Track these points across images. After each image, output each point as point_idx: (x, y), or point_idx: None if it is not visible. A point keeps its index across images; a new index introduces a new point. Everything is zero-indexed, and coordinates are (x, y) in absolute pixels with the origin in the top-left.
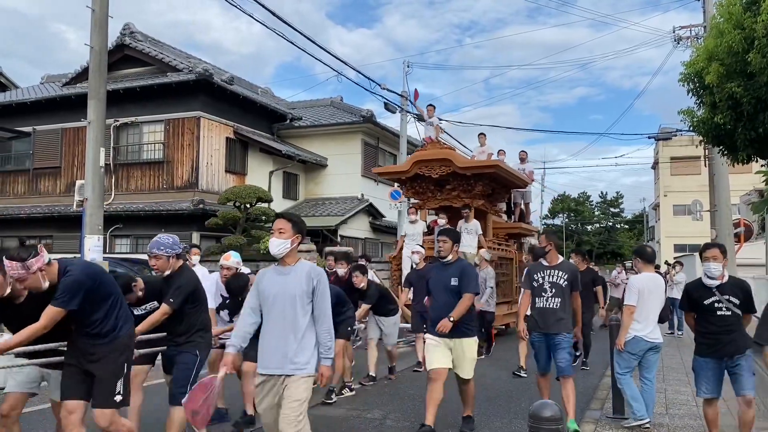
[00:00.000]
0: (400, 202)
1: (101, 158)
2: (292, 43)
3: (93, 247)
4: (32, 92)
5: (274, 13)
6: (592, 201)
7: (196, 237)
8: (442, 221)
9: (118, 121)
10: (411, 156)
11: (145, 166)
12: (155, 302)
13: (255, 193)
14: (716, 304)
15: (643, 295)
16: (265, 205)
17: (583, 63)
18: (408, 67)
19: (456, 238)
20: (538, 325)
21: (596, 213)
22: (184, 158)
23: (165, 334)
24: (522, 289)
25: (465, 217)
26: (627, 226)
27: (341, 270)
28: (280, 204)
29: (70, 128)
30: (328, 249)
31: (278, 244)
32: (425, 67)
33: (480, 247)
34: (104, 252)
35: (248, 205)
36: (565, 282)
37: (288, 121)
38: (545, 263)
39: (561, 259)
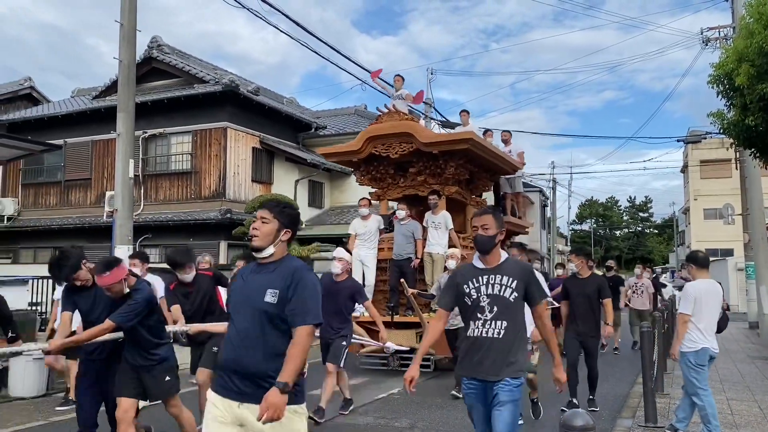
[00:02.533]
0: None
1: (130, 169)
2: (317, 53)
3: (123, 257)
4: (63, 106)
5: (299, 24)
6: (621, 206)
7: (223, 246)
8: (402, 213)
9: (146, 132)
10: (363, 131)
11: (173, 177)
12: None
13: None
14: None
15: (701, 302)
16: None
17: (612, 66)
18: (432, 74)
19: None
20: (471, 364)
21: (625, 218)
22: (212, 168)
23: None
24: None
25: (431, 206)
26: (656, 231)
27: None
28: (305, 212)
29: (100, 140)
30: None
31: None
32: (450, 73)
33: (452, 246)
34: None
35: None
36: (513, 293)
37: (313, 130)
38: (480, 264)
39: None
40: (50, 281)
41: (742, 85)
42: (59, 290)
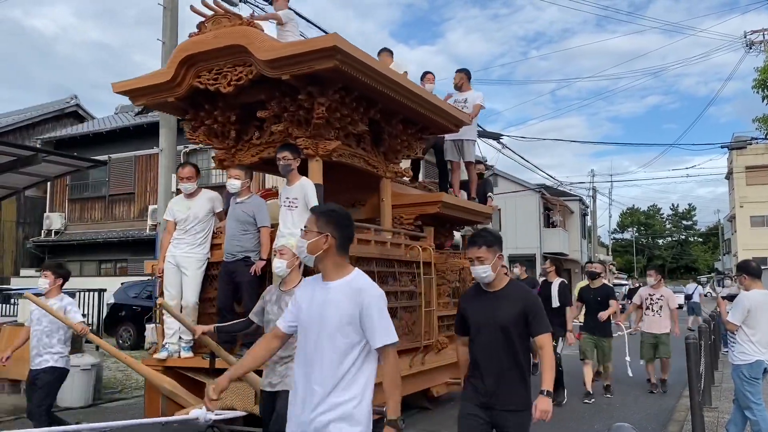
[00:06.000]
0: None
1: (172, 183)
2: None
3: None
4: (107, 122)
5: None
6: (663, 214)
7: None
8: (235, 184)
9: (187, 147)
10: (176, 49)
11: (215, 190)
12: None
13: None
14: None
15: (755, 314)
16: None
17: (655, 71)
18: None
19: None
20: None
21: (667, 226)
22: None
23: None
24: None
25: (282, 171)
26: (701, 240)
27: None
28: None
29: (143, 156)
30: None
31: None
32: (487, 82)
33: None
34: None
35: None
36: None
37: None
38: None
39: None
40: (97, 293)
41: None
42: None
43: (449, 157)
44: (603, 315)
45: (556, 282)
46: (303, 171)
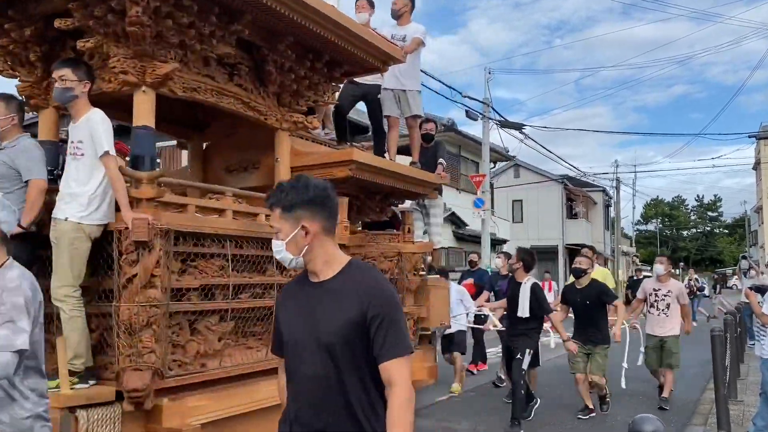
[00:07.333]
0: (484, 210)
1: None
2: None
3: None
4: None
5: None
6: (688, 205)
7: None
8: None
9: None
10: None
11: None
12: None
13: None
14: None
15: None
16: None
17: (682, 59)
18: (489, 73)
19: None
20: None
21: (692, 217)
22: None
23: None
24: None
25: (61, 100)
26: (726, 231)
27: None
28: None
29: None
30: None
31: None
32: (510, 72)
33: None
34: None
35: None
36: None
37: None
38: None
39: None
40: None
41: None
42: None
43: (386, 112)
44: (617, 335)
45: (527, 283)
46: (127, 108)
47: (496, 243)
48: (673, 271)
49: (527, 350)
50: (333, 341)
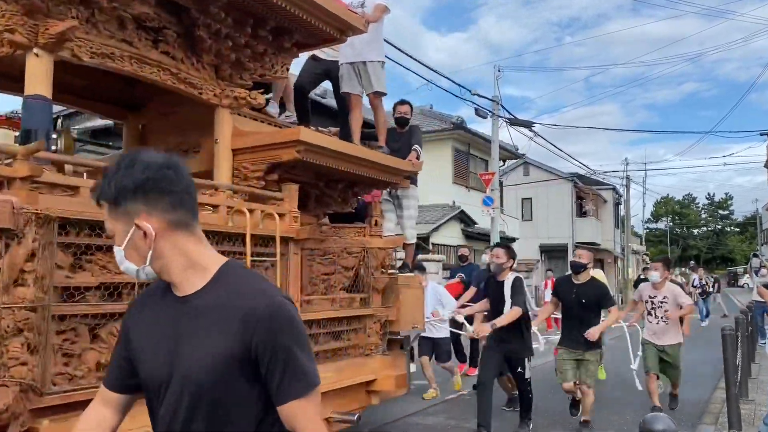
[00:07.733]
0: (493, 208)
1: None
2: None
3: None
4: None
5: None
6: (698, 203)
7: None
8: None
9: None
10: None
11: None
12: None
13: None
14: None
15: None
16: None
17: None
18: (498, 71)
19: None
20: None
21: (703, 216)
22: None
23: None
24: None
25: None
26: (737, 230)
27: None
28: None
29: None
30: (421, 257)
31: None
32: (520, 69)
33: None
34: None
35: None
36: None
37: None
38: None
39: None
40: None
41: None
42: None
43: (345, 89)
44: (593, 333)
45: (509, 280)
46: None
47: (506, 241)
48: (670, 273)
49: (526, 359)
50: (203, 384)
